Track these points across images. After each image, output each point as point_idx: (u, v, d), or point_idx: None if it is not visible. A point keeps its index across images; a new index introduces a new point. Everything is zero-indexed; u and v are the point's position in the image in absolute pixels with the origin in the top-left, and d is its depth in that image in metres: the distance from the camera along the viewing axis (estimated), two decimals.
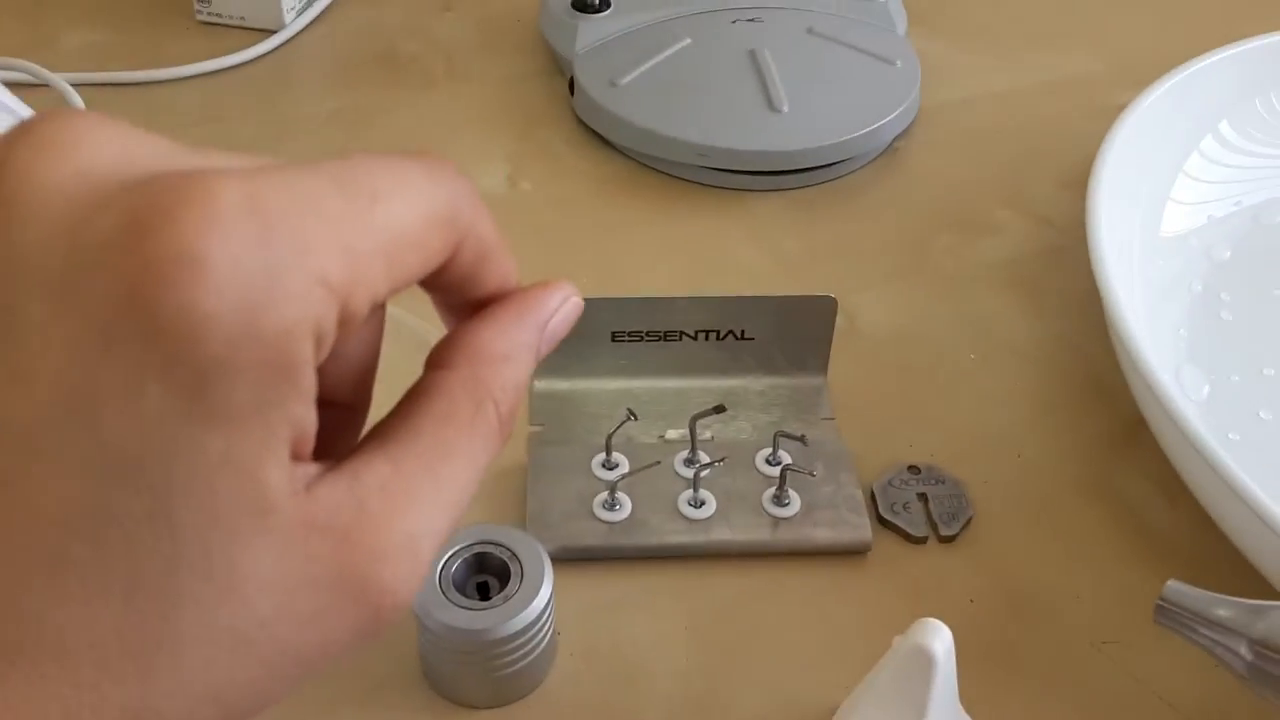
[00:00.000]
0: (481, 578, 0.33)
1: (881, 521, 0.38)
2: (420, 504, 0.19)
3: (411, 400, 0.20)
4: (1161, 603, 0.28)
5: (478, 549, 0.33)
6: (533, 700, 0.33)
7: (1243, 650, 0.27)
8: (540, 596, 0.32)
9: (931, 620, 0.30)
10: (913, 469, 0.40)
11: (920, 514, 0.39)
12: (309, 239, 0.16)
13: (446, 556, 0.33)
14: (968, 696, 0.32)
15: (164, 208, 0.15)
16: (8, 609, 0.16)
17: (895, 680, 0.30)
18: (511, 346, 0.21)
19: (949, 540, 0.38)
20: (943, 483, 0.39)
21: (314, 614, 0.17)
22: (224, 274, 0.15)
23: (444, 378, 0.20)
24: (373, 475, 0.18)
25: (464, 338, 0.21)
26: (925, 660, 0.29)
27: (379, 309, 0.20)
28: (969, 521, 0.38)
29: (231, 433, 0.16)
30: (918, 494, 0.39)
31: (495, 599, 0.32)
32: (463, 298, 0.21)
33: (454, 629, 0.31)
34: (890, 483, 0.39)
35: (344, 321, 0.17)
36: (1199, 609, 0.28)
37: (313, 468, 0.18)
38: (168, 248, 0.15)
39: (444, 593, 0.32)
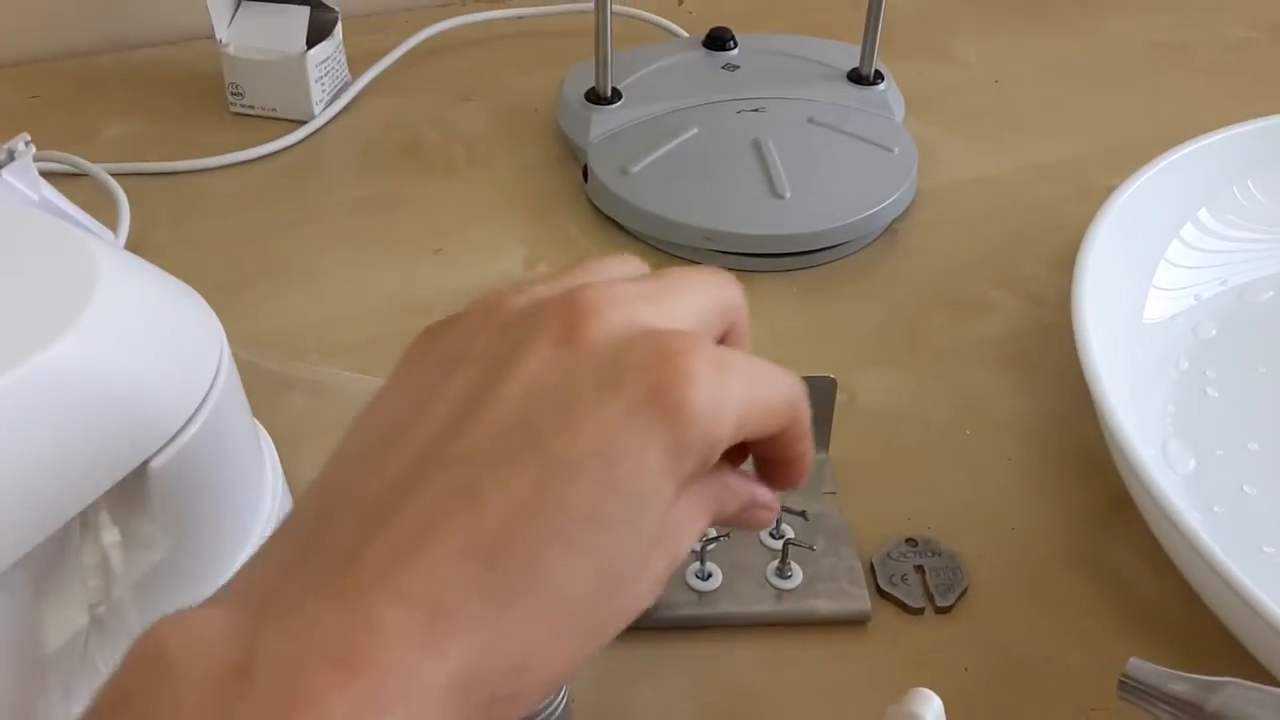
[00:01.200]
0: None
1: (880, 593, 0.40)
2: (685, 539, 0.28)
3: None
4: (1124, 679, 0.30)
5: None
6: None
7: None
8: None
9: (922, 689, 0.32)
10: (910, 541, 0.42)
11: (918, 585, 0.40)
12: (737, 391, 0.26)
13: None
14: None
15: (676, 349, 0.26)
16: (528, 571, 0.24)
17: None
18: (741, 491, 0.30)
19: (945, 611, 0.40)
20: (939, 554, 0.41)
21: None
22: (704, 393, 0.25)
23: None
24: (678, 510, 0.27)
25: (718, 472, 0.29)
26: None
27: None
28: (965, 591, 0.40)
29: (678, 486, 0.26)
30: (915, 565, 0.41)
31: None
32: (778, 455, 0.31)
33: None
34: (889, 555, 0.41)
35: (737, 438, 0.27)
36: (1157, 685, 0.30)
37: None
38: (681, 369, 0.25)
39: None
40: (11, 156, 0.36)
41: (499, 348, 0.27)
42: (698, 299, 0.29)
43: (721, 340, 0.29)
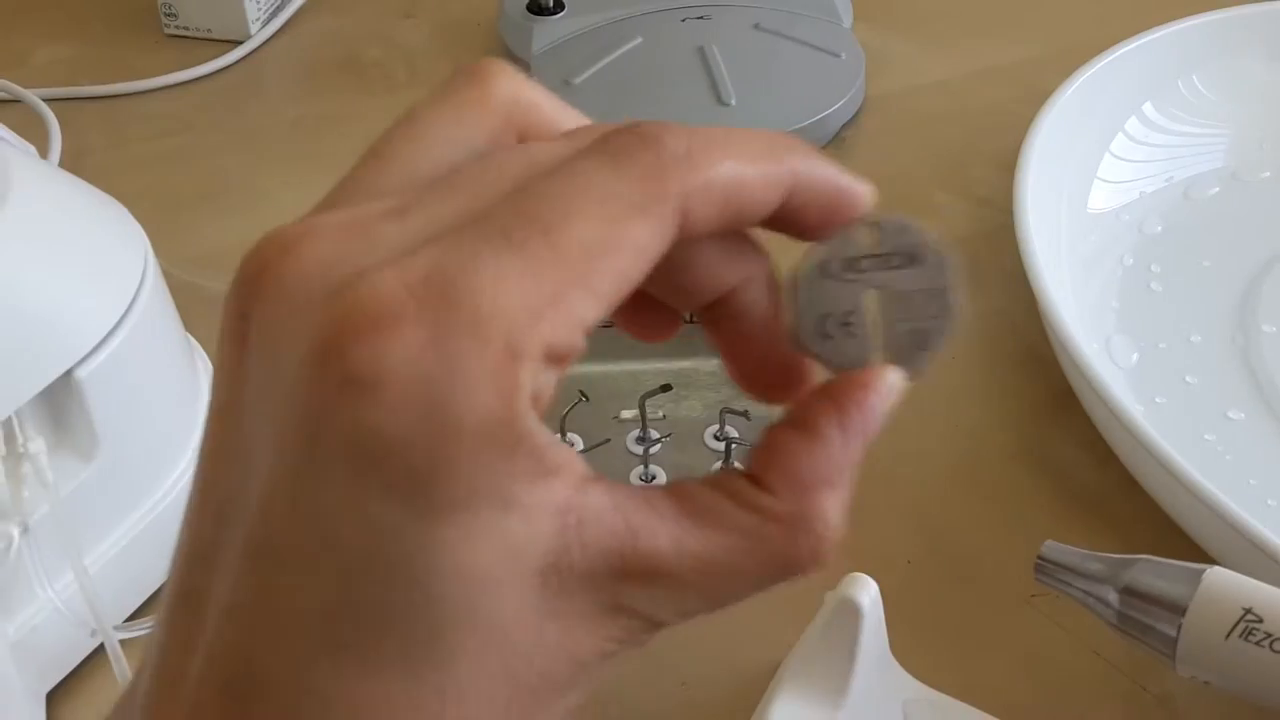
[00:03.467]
0: None
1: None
2: (683, 600, 0.18)
3: (728, 497, 0.19)
4: (1040, 561, 0.31)
5: None
6: None
7: (1111, 599, 0.29)
8: None
9: (859, 574, 0.32)
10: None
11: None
12: (482, 317, 0.16)
13: None
14: (905, 650, 0.34)
15: (336, 332, 0.16)
16: (303, 694, 0.17)
17: (827, 632, 0.32)
18: (836, 471, 0.19)
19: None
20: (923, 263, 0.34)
21: (564, 647, 0.18)
22: (400, 390, 0.16)
23: (762, 502, 0.19)
24: (649, 544, 0.18)
25: (784, 460, 0.19)
26: (853, 611, 0.31)
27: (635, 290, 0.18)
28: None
29: (467, 517, 0.16)
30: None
31: None
32: (802, 228, 0.20)
33: None
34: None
35: (558, 358, 0.17)
36: (1073, 564, 0.30)
37: (584, 503, 0.17)
38: (343, 374, 0.16)
39: None
40: None
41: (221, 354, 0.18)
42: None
43: (721, 217, 0.18)
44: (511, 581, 0.17)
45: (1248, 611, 0.28)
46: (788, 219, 0.20)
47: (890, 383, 0.20)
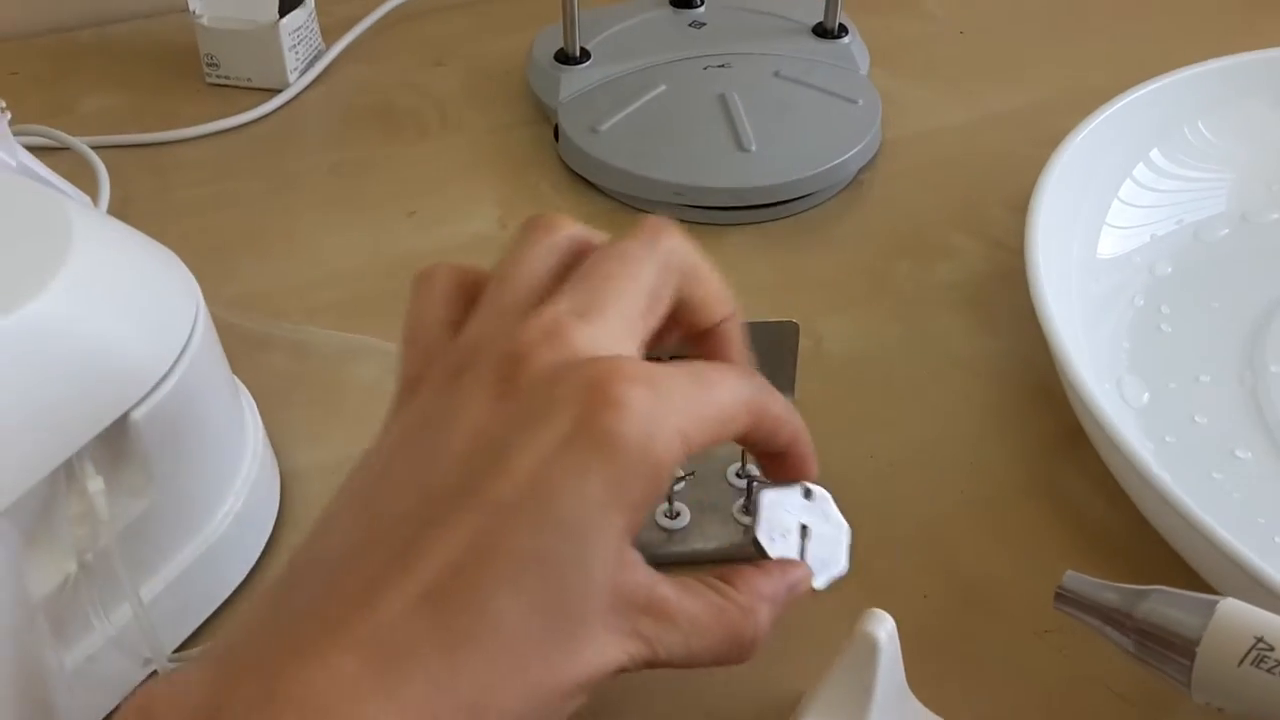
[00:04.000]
0: None
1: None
2: (673, 642, 0.29)
3: (707, 586, 0.31)
4: (1060, 590, 0.32)
5: None
6: None
7: (1129, 629, 0.30)
8: None
9: (876, 610, 0.33)
10: (807, 492, 0.36)
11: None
12: (675, 407, 0.27)
13: None
14: (921, 683, 0.35)
15: (602, 377, 0.26)
16: (475, 614, 0.25)
17: (846, 667, 0.34)
18: (771, 596, 0.32)
19: None
20: (829, 520, 0.35)
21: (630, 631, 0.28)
22: (635, 416, 0.26)
23: (728, 592, 0.31)
24: (670, 600, 0.29)
25: (746, 576, 0.32)
26: (870, 645, 0.33)
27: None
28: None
29: (628, 516, 0.26)
30: (800, 523, 0.35)
31: None
32: (764, 449, 0.33)
33: None
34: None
35: (688, 453, 0.28)
36: (1091, 595, 0.31)
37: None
38: (608, 397, 0.26)
39: None
40: None
41: (448, 405, 0.28)
42: (629, 285, 0.29)
43: (753, 430, 0.31)
44: (615, 584, 0.27)
45: (1259, 640, 0.29)
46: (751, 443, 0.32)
47: (804, 576, 0.34)
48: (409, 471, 0.27)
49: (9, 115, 0.37)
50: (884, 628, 0.33)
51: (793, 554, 0.34)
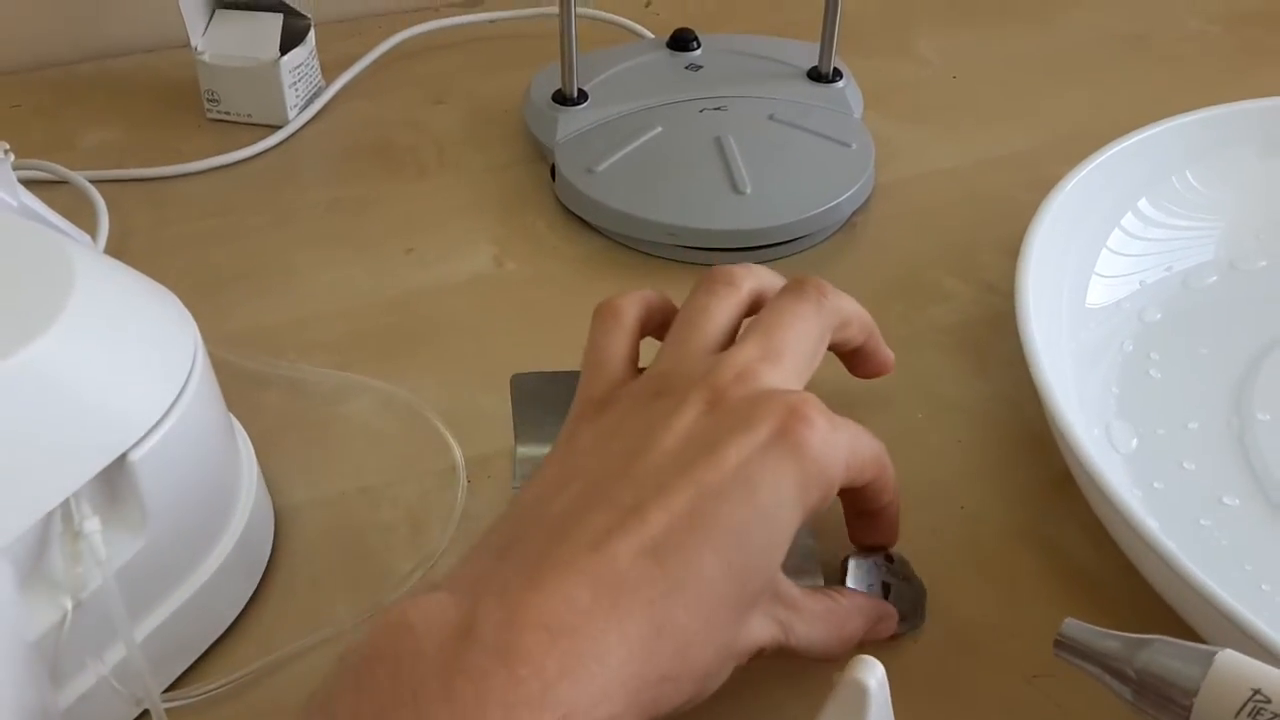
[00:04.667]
0: None
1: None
2: (801, 636, 0.36)
3: (819, 592, 0.37)
4: (1059, 638, 0.32)
5: None
6: None
7: (1128, 678, 0.31)
8: None
9: (865, 656, 0.33)
10: (888, 558, 0.41)
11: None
12: (844, 440, 0.34)
13: None
14: None
15: (796, 403, 0.33)
16: (688, 567, 0.30)
17: (836, 713, 0.34)
18: (868, 608, 0.39)
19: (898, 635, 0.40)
20: (909, 581, 0.41)
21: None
22: (821, 436, 0.33)
23: (836, 597, 0.38)
24: (805, 600, 0.36)
25: (848, 592, 0.39)
26: (860, 692, 0.33)
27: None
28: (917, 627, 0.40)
29: (803, 514, 0.33)
30: (883, 582, 0.40)
31: None
32: (867, 506, 0.39)
33: None
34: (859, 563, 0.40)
35: (843, 481, 0.35)
36: (1089, 643, 0.32)
37: None
38: (802, 416, 0.33)
39: None
40: None
41: (654, 415, 0.34)
42: (803, 337, 0.37)
43: (868, 485, 0.37)
44: (777, 571, 0.34)
45: (1256, 692, 0.30)
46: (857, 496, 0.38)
47: (890, 614, 0.39)
48: (624, 458, 0.32)
49: (11, 157, 0.37)
50: (874, 675, 0.33)
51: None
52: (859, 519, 0.39)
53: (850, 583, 0.39)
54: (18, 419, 0.32)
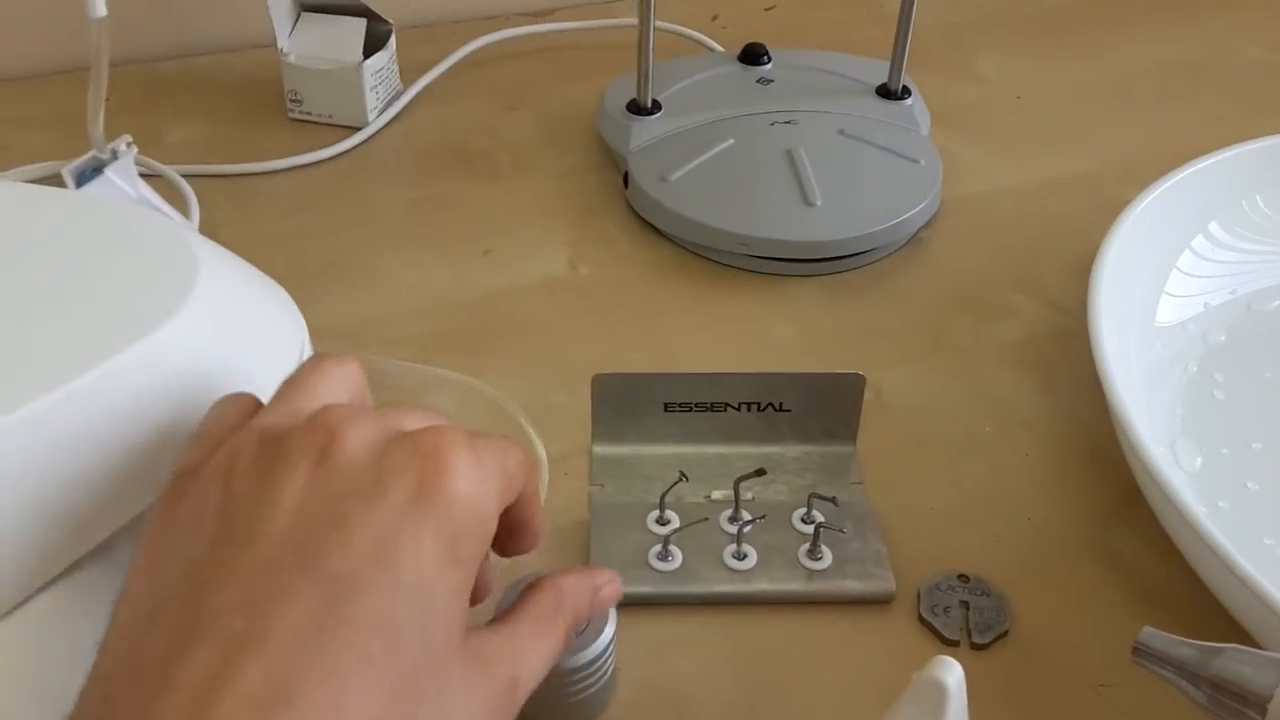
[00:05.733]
0: None
1: (920, 619, 0.42)
2: (530, 658, 0.31)
3: (521, 601, 0.33)
4: (1137, 645, 0.33)
5: None
6: None
7: (1203, 685, 0.32)
8: (604, 635, 0.37)
9: (945, 657, 0.34)
10: (962, 577, 0.42)
11: (959, 619, 0.41)
12: (491, 470, 0.29)
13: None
14: None
15: (432, 445, 0.28)
16: (326, 701, 0.24)
17: (912, 710, 0.35)
18: (582, 587, 0.34)
19: (981, 648, 0.41)
20: (988, 595, 0.42)
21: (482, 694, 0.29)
22: (468, 479, 0.28)
23: (539, 594, 0.33)
24: (502, 636, 0.30)
25: (555, 578, 0.34)
26: (939, 692, 0.34)
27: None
28: (1004, 634, 0.41)
29: (463, 572, 0.28)
30: (961, 601, 0.42)
31: None
32: (517, 518, 0.32)
33: None
34: (937, 585, 0.42)
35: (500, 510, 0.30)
36: (1167, 650, 0.33)
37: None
38: (441, 461, 0.28)
39: None
40: (115, 156, 0.39)
41: (253, 485, 0.27)
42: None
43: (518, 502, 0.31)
44: (462, 649, 0.28)
45: None
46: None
47: (610, 579, 0.36)
48: (226, 550, 0.26)
49: (134, 151, 0.39)
50: (953, 675, 0.34)
51: (957, 626, 0.41)
52: (503, 535, 0.32)
53: (923, 605, 0.41)
54: (141, 402, 0.33)
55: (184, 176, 0.61)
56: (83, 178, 0.42)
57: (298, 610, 0.24)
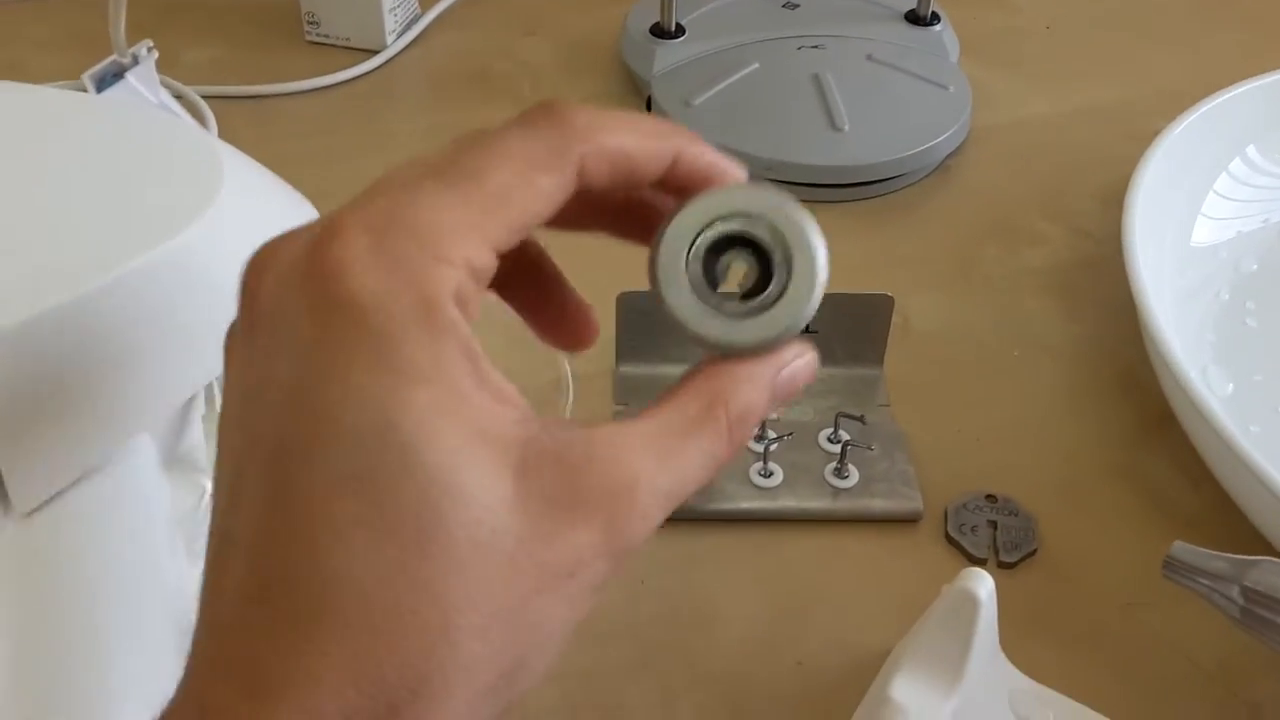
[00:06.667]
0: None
1: (948, 538, 0.41)
2: (643, 461, 0.22)
3: (656, 399, 0.23)
4: (1169, 559, 0.33)
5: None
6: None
7: (1235, 596, 0.31)
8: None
9: (976, 569, 0.34)
10: (990, 497, 0.42)
11: (986, 537, 0.41)
12: (419, 229, 0.21)
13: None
14: (1008, 648, 0.37)
15: (311, 251, 0.21)
16: (326, 581, 0.19)
17: (943, 621, 0.35)
18: (750, 373, 0.24)
19: (1008, 566, 0.41)
20: (1016, 514, 0.42)
21: (554, 532, 0.20)
22: (359, 272, 0.20)
23: (686, 382, 0.24)
24: (604, 432, 0.22)
25: (712, 361, 0.24)
26: (971, 603, 0.34)
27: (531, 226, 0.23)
28: (1032, 553, 0.41)
29: (436, 389, 0.20)
30: (989, 520, 0.41)
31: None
32: (674, 185, 0.24)
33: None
34: (965, 505, 0.42)
35: (479, 272, 0.21)
36: (1199, 563, 0.32)
37: (543, 418, 0.21)
38: (318, 272, 0.20)
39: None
40: (136, 61, 0.38)
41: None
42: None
43: (612, 173, 0.23)
44: (491, 461, 0.20)
45: None
46: (674, 185, 0.24)
47: (804, 349, 0.25)
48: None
49: (155, 54, 0.38)
50: (984, 586, 0.34)
51: (984, 545, 0.40)
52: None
53: (951, 523, 0.40)
54: (166, 304, 0.33)
55: (202, 98, 0.61)
56: (103, 83, 0.41)
57: (257, 502, 0.20)
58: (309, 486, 0.20)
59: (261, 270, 0.22)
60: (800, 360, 0.24)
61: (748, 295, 0.24)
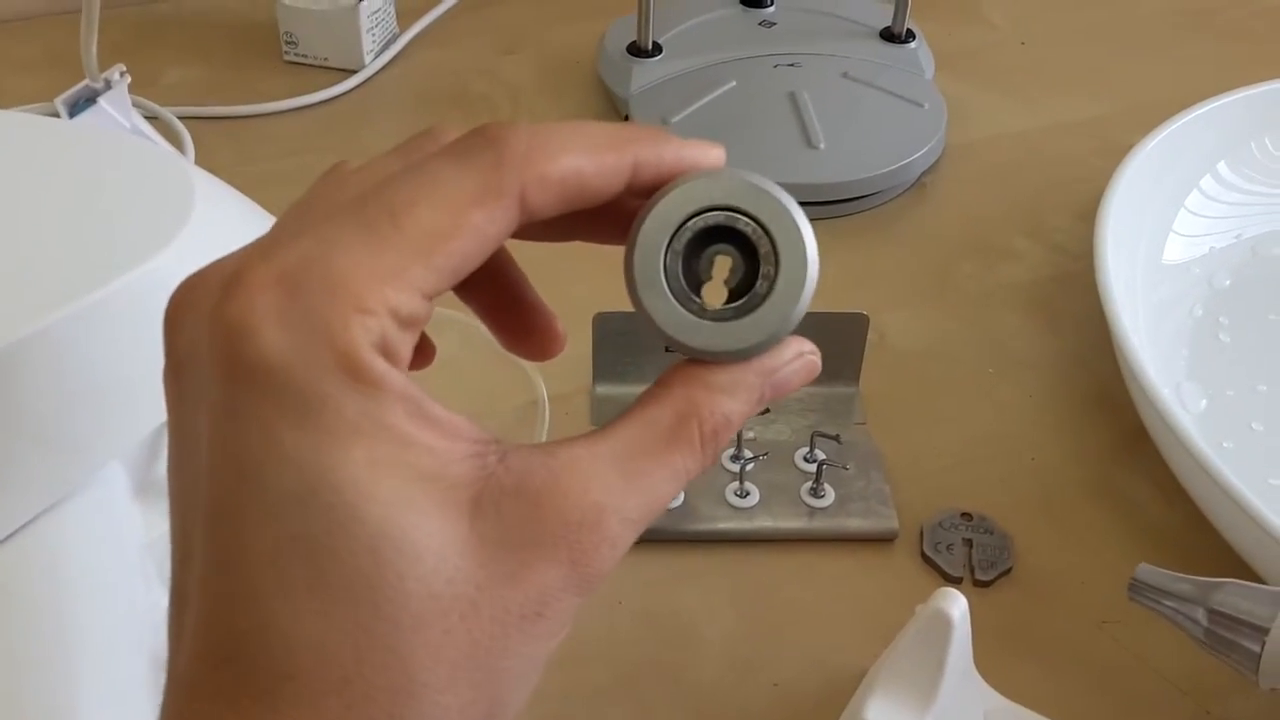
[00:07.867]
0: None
1: (924, 557, 0.41)
2: (608, 485, 0.20)
3: (626, 411, 0.22)
4: (1134, 581, 0.33)
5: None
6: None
7: (1200, 618, 0.32)
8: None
9: (949, 589, 0.34)
10: (965, 515, 0.42)
11: (961, 556, 0.41)
12: (334, 280, 0.19)
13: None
14: (983, 667, 0.37)
15: (221, 306, 0.19)
16: (272, 641, 0.19)
17: (917, 642, 0.35)
18: (731, 382, 0.22)
19: (983, 585, 0.40)
20: (991, 533, 0.42)
21: (516, 572, 0.19)
22: (272, 330, 0.19)
23: (657, 392, 0.22)
24: (567, 456, 0.20)
25: (688, 364, 0.22)
26: (944, 623, 0.34)
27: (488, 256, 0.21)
28: (1007, 571, 0.41)
29: (369, 444, 0.19)
30: (964, 539, 0.41)
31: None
32: (641, 192, 0.22)
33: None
34: (940, 524, 0.42)
35: (406, 319, 0.20)
36: (1164, 585, 0.33)
37: (500, 445, 0.20)
38: (228, 328, 0.19)
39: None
40: (108, 85, 0.38)
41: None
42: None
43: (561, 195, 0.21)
44: (438, 506, 0.19)
45: None
46: (641, 193, 0.22)
47: (803, 348, 0.24)
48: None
49: (128, 79, 0.38)
50: (957, 607, 0.34)
51: (960, 563, 0.41)
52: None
53: (926, 542, 0.40)
54: (136, 331, 0.33)
55: (179, 119, 0.61)
56: (76, 107, 0.41)
57: (206, 563, 0.20)
58: (253, 551, 0.19)
59: (180, 313, 0.21)
60: (798, 362, 0.23)
61: (733, 293, 0.22)
